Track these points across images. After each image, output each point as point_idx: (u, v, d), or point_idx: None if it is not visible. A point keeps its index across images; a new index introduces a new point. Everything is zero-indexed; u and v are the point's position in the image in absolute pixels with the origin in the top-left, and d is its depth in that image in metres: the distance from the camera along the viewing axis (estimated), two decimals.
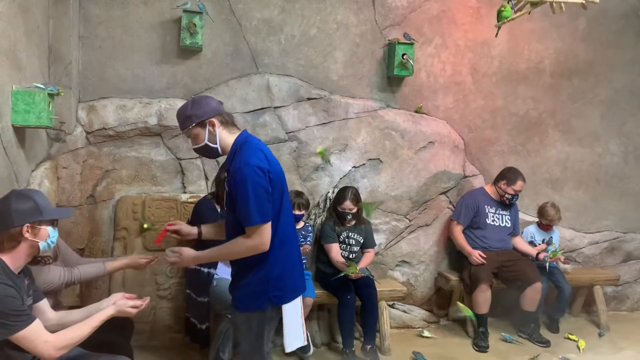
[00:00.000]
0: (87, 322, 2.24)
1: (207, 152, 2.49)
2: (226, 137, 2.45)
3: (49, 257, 2.59)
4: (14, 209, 2.14)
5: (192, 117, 2.42)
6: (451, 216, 4.70)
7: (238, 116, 4.25)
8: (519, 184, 4.49)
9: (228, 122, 2.47)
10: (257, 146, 2.40)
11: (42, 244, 2.20)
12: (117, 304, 2.35)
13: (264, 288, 2.38)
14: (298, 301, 2.54)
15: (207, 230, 2.82)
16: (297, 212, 3.96)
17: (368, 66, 4.58)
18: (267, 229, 2.31)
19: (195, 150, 2.51)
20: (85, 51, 3.99)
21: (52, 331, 2.18)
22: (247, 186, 2.25)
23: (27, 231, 2.14)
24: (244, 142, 2.42)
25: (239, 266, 2.44)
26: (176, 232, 2.78)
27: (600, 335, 4.61)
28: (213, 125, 2.42)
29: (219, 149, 2.45)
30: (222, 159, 3.15)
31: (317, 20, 4.44)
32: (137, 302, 2.39)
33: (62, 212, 2.41)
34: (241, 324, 2.46)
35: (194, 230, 2.81)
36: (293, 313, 2.49)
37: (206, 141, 2.44)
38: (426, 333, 4.47)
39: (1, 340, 2.03)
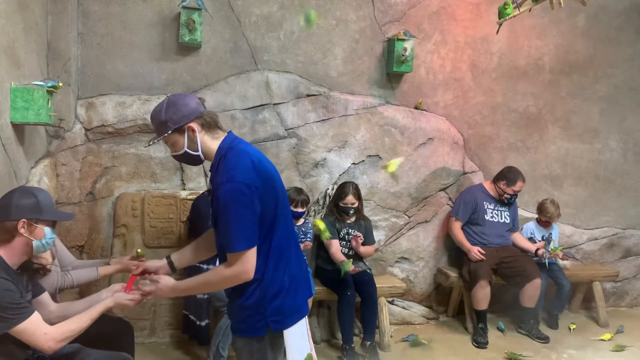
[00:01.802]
0: (86, 313, 2.24)
1: (188, 160, 2.18)
2: (209, 143, 2.13)
3: (47, 268, 2.59)
4: (14, 203, 2.14)
5: (168, 122, 2.09)
6: (450, 213, 4.70)
7: (237, 113, 4.25)
8: (518, 185, 4.49)
9: (210, 124, 2.14)
10: (244, 153, 2.08)
11: (35, 243, 2.18)
12: (116, 295, 2.33)
13: (261, 312, 2.08)
14: (302, 324, 2.21)
15: (179, 258, 2.49)
16: (298, 210, 3.95)
17: (367, 62, 4.58)
18: (250, 255, 2.00)
19: (175, 157, 2.21)
20: (84, 48, 3.99)
21: (54, 323, 2.18)
22: (229, 207, 1.98)
23: (23, 227, 2.13)
24: (229, 148, 2.10)
25: (232, 287, 2.13)
26: (144, 272, 2.46)
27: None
28: (193, 131, 2.10)
29: (201, 156, 2.15)
30: None
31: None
32: (136, 296, 2.35)
33: (63, 215, 2.36)
34: (241, 349, 2.20)
35: (162, 262, 2.49)
36: (297, 338, 2.18)
37: (185, 149, 2.13)
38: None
39: (1, 334, 2.03)
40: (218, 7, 4.20)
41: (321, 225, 3.88)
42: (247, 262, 2.01)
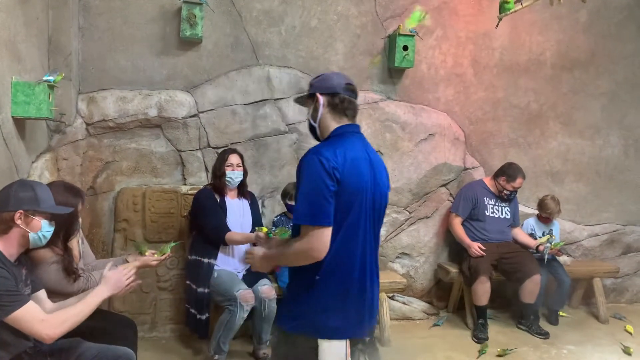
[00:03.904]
0: (84, 301, 2.25)
1: (310, 129, 2.22)
2: (328, 122, 2.13)
3: (80, 274, 2.61)
4: (12, 194, 2.16)
5: (310, 86, 2.21)
6: (450, 208, 4.71)
7: (238, 108, 4.25)
8: (518, 181, 4.49)
9: (339, 107, 2.12)
10: (347, 143, 2.05)
11: (32, 235, 2.19)
12: (107, 275, 2.40)
13: (303, 316, 2.03)
14: (342, 344, 2.05)
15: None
16: (293, 203, 3.97)
17: (369, 58, 4.57)
18: (320, 233, 1.91)
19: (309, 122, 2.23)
20: (85, 42, 3.98)
21: None
22: (303, 177, 1.96)
23: (19, 218, 2.14)
24: (340, 134, 2.09)
25: (290, 286, 2.15)
26: None
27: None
28: (318, 102, 2.13)
29: (318, 130, 2.16)
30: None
31: (317, 11, 4.42)
32: (130, 271, 2.46)
33: (59, 208, 2.34)
34: (279, 341, 2.18)
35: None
36: (332, 355, 2.02)
37: (309, 116, 2.20)
38: None
39: None
40: (219, 2, 4.19)
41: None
42: (316, 240, 1.92)
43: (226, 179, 3.71)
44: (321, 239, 1.92)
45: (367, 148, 2.14)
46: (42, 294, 2.38)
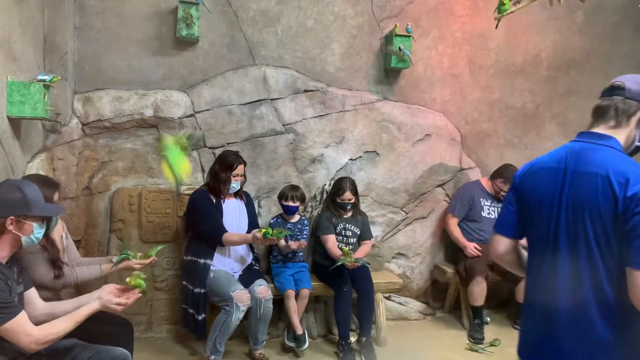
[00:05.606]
0: (71, 316, 2.22)
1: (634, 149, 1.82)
2: None
3: (63, 272, 2.61)
4: (1, 199, 2.11)
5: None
6: (447, 209, 4.71)
7: (235, 108, 4.24)
8: None
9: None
10: (554, 150, 1.85)
11: (24, 239, 2.16)
12: (103, 299, 2.29)
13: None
14: None
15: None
16: (290, 204, 3.97)
17: (365, 58, 4.57)
18: (493, 238, 1.93)
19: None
20: (81, 42, 3.97)
21: (41, 321, 2.18)
22: None
23: (11, 224, 2.11)
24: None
25: None
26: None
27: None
28: None
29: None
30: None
31: (314, 11, 4.42)
32: (122, 300, 2.33)
33: (52, 209, 2.30)
34: None
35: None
36: None
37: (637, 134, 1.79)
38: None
39: None
40: (215, 2, 4.18)
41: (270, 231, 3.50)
42: (490, 245, 1.97)
43: (229, 187, 3.71)
44: (493, 245, 1.95)
45: (570, 156, 1.76)
46: (32, 292, 2.36)
